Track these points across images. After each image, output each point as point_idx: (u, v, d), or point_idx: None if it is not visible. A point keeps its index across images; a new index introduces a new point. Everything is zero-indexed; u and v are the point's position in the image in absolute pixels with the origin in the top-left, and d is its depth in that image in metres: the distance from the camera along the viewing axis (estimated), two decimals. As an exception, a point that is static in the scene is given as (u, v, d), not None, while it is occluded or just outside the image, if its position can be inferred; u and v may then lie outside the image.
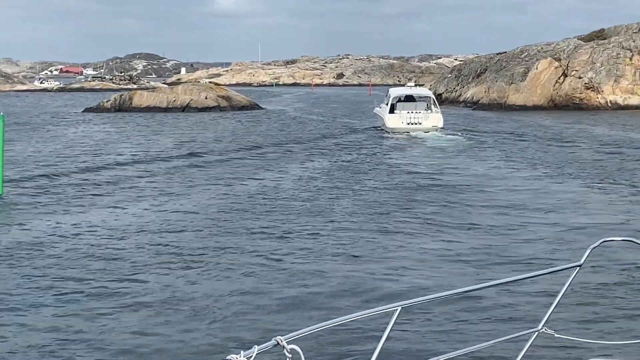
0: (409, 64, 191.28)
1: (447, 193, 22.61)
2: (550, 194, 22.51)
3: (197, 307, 11.84)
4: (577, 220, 18.31)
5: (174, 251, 15.45)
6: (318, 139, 41.80)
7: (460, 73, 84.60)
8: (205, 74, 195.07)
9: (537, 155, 32.50)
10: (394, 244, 16.11)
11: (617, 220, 18.37)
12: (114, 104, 68.43)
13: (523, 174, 27.03)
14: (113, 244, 16.10)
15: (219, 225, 17.99)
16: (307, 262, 14.62)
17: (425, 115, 44.79)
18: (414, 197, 21.89)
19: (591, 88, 67.82)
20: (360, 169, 28.59)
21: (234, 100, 71.84)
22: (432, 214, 19.29)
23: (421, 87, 54.51)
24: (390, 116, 44.90)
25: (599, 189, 23.40)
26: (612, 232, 15.67)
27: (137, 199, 22.06)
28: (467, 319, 11.08)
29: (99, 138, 42.29)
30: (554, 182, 24.85)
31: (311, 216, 19.16)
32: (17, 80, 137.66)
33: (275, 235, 16.86)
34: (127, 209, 20.27)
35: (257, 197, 22.09)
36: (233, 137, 42.09)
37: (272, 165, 30.01)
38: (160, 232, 17.31)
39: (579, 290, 11.85)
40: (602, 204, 20.84)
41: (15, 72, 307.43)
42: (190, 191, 23.46)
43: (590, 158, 31.51)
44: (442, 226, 17.80)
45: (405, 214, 19.43)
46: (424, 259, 14.84)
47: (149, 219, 18.92)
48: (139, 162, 30.88)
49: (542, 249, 15.55)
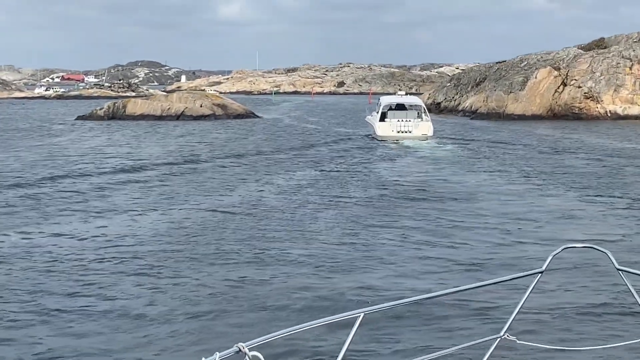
0: (410, 73, 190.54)
1: (430, 206, 21.72)
2: (538, 206, 21.61)
3: (157, 318, 11.66)
4: (564, 236, 17.41)
5: (137, 266, 14.77)
6: (308, 148, 41.05)
7: (460, 82, 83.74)
8: (206, 82, 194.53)
9: (529, 166, 31.55)
10: (368, 260, 15.24)
11: (607, 233, 17.46)
12: (107, 112, 67.63)
13: (513, 186, 26.12)
14: (74, 258, 15.35)
15: (190, 240, 17.19)
16: (277, 277, 13.99)
17: (415, 124, 44.71)
18: (396, 211, 20.99)
19: (591, 97, 66.91)
20: (345, 179, 27.70)
21: (229, 109, 71.04)
22: (412, 229, 18.39)
23: (412, 96, 55.12)
24: (381, 124, 44.96)
25: (590, 202, 22.49)
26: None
27: (108, 211, 21.18)
28: (429, 325, 11.07)
29: (84, 147, 41.43)
30: (543, 195, 23.93)
31: (288, 230, 18.34)
32: (15, 88, 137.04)
33: (247, 251, 16.11)
34: (93, 222, 19.40)
35: (235, 210, 21.26)
36: (222, 146, 41.26)
37: (257, 175, 29.18)
38: (125, 247, 16.47)
39: (541, 296, 11.81)
40: (592, 218, 19.93)
41: (16, 79, 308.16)
42: (166, 202, 22.58)
43: (583, 169, 30.58)
44: (420, 243, 16.91)
45: (384, 229, 18.52)
46: (397, 273, 13.97)
47: (115, 233, 18.07)
48: (119, 172, 30.04)
49: (527, 265, 14.69)
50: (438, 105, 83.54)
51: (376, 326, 10.60)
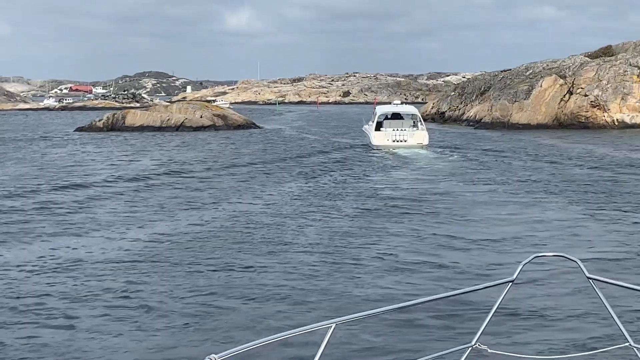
0: (416, 82, 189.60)
1: (421, 221, 20.61)
2: (539, 221, 20.49)
3: (128, 331, 11.50)
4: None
5: (116, 283, 14.07)
6: (302, 158, 40.21)
7: (464, 91, 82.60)
8: (211, 93, 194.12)
9: (529, 177, 30.39)
10: (346, 282, 14.17)
11: (611, 251, 16.33)
12: (107, 123, 66.79)
13: (511, 199, 24.99)
14: (45, 278, 14.50)
15: (170, 256, 16.31)
16: (252, 291, 13.37)
17: (410, 133, 44.64)
18: (385, 226, 19.89)
19: (597, 106, 65.68)
20: (335, 192, 26.62)
21: (229, 119, 70.13)
22: (397, 247, 17.29)
23: (407, 105, 55.00)
24: (376, 134, 44.85)
25: (589, 215, 21.36)
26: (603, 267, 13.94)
27: (91, 226, 20.20)
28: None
29: (76, 159, 40.49)
30: (544, 209, 22.80)
31: (268, 244, 17.37)
32: (20, 99, 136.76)
33: (226, 268, 15.30)
34: (75, 239, 18.39)
35: (221, 225, 20.31)
36: (217, 157, 40.27)
37: (248, 187, 28.19)
38: (101, 264, 15.46)
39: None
40: (596, 234, 18.80)
41: (25, 90, 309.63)
42: (151, 217, 21.56)
43: (587, 180, 29.42)
44: (406, 262, 15.81)
45: (370, 247, 17.43)
46: (373, 292, 12.91)
47: (97, 249, 17.12)
48: (107, 185, 29.05)
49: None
50: (442, 114, 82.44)
51: (347, 337, 10.52)
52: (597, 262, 15.22)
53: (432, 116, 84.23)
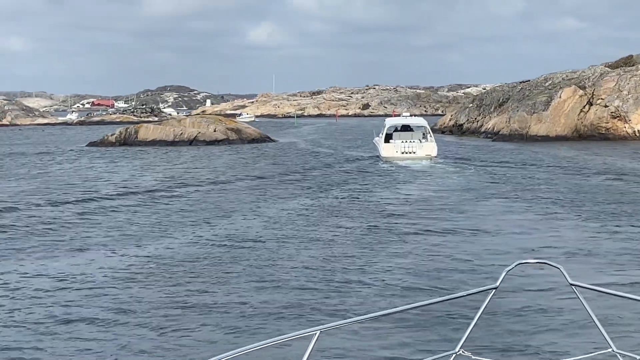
0: (436, 94, 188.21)
1: (424, 241, 19.53)
2: (554, 239, 19.36)
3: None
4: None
5: (105, 303, 13.72)
6: (311, 172, 39.60)
7: (482, 102, 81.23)
8: (231, 106, 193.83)
9: (542, 192, 29.20)
10: (337, 304, 13.18)
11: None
12: (119, 138, 66.16)
13: (524, 216, 23.85)
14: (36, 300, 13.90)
15: (164, 275, 15.72)
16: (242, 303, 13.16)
17: (419, 145, 44.88)
18: (385, 247, 18.85)
19: (618, 117, 64.19)
20: (339, 209, 25.62)
21: (243, 133, 69.29)
22: (397, 269, 16.24)
23: (416, 117, 55.95)
24: (385, 146, 45.31)
25: (608, 233, 20.20)
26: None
27: (79, 244, 19.39)
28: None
29: (79, 174, 39.75)
30: (560, 227, 21.65)
31: (263, 264, 16.47)
32: (39, 114, 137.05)
33: (212, 289, 14.66)
34: (62, 260, 17.54)
35: (216, 243, 19.52)
36: (223, 172, 39.38)
37: (249, 203, 27.37)
38: (88, 284, 14.66)
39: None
40: (615, 253, 17.64)
41: (48, 105, 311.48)
42: (139, 236, 20.69)
43: (604, 195, 28.16)
44: (404, 288, 14.76)
45: (365, 270, 16.40)
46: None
47: (89, 269, 16.37)
48: (103, 200, 28.25)
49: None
50: (460, 127, 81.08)
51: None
52: (615, 286, 14.00)
53: (450, 128, 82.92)
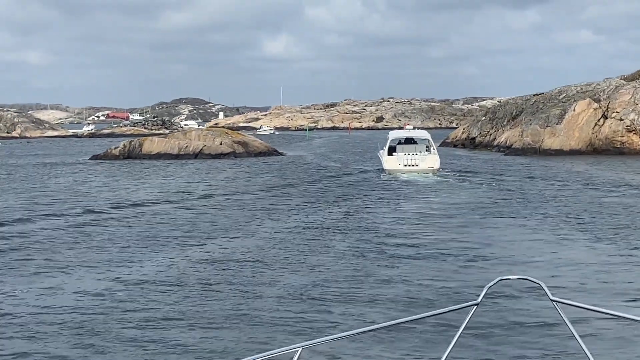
0: (451, 107, 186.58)
1: (421, 266, 18.07)
2: (561, 262, 17.87)
3: None
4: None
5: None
6: (313, 186, 38.48)
7: (495, 115, 79.61)
8: (244, 119, 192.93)
9: (553, 210, 27.66)
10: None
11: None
12: (123, 151, 65.08)
13: (529, 234, 22.34)
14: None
15: (134, 300, 14.62)
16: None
17: (422, 157, 45.14)
18: (375, 272, 17.41)
19: (633, 131, 62.48)
20: (333, 228, 24.17)
21: (250, 146, 68.06)
22: (384, 301, 14.80)
23: (420, 130, 56.46)
24: (388, 158, 45.54)
25: (624, 257, 18.69)
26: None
27: (57, 265, 18.11)
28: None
29: (73, 189, 38.52)
30: (569, 249, 20.15)
31: (235, 298, 15.11)
32: (49, 126, 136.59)
33: (189, 312, 13.65)
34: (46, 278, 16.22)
35: (197, 267, 18.19)
36: (222, 187, 38.09)
37: (240, 221, 25.98)
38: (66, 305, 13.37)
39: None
40: (625, 278, 16.15)
41: (63, 117, 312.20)
42: (117, 258, 19.34)
43: (619, 214, 26.60)
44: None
45: (346, 302, 14.97)
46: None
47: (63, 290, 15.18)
48: (85, 216, 26.95)
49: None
50: (472, 140, 79.46)
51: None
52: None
53: (462, 142, 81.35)
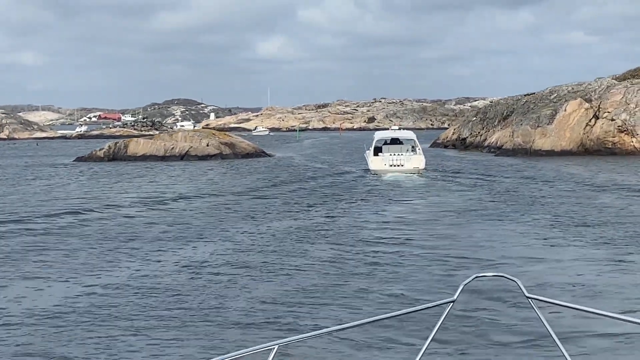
0: (443, 107, 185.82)
1: (394, 277, 17.13)
2: (551, 270, 16.96)
3: None
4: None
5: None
6: (296, 188, 37.52)
7: (486, 116, 78.76)
8: (235, 120, 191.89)
9: (540, 214, 26.76)
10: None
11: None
12: (108, 153, 64.07)
13: (516, 239, 21.43)
14: None
15: (88, 312, 13.68)
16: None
17: (407, 157, 45.37)
18: (350, 282, 16.48)
19: (625, 131, 61.71)
20: (312, 232, 23.21)
21: (237, 148, 67.09)
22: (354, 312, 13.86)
23: (405, 130, 57.27)
24: (374, 159, 45.90)
25: (615, 263, 17.79)
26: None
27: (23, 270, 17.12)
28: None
29: (50, 192, 37.49)
30: (560, 255, 19.25)
31: (216, 299, 14.11)
32: (37, 128, 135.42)
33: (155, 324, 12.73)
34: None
35: (171, 271, 17.29)
36: (203, 189, 37.08)
37: (217, 225, 25.02)
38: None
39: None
40: (618, 285, 15.24)
41: (54, 119, 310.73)
42: (81, 267, 18.36)
43: (612, 218, 25.69)
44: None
45: (312, 317, 14.03)
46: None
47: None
48: (59, 220, 25.96)
49: None
50: (463, 141, 78.63)
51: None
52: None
53: (453, 142, 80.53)
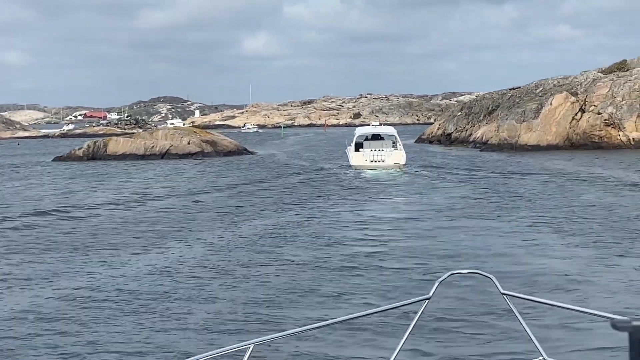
0: (429, 102, 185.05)
1: (369, 283, 16.15)
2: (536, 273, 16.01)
3: None
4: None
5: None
6: (274, 186, 36.51)
7: (471, 111, 77.92)
8: (220, 117, 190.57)
9: (521, 211, 25.83)
10: None
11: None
12: (87, 152, 62.87)
13: (496, 240, 20.49)
14: None
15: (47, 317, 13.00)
16: None
17: (388, 153, 45.24)
18: (320, 287, 15.50)
19: (612, 125, 60.94)
20: (285, 234, 22.21)
21: (219, 145, 66.01)
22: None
23: (386, 126, 56.20)
24: (355, 154, 45.83)
25: (604, 264, 16.86)
26: None
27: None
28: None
29: (21, 193, 36.32)
30: (540, 257, 18.31)
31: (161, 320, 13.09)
32: (20, 127, 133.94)
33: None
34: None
35: (139, 275, 16.26)
36: (177, 188, 36.01)
37: (187, 228, 23.97)
38: None
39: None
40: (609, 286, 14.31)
41: (40, 118, 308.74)
42: (36, 273, 17.30)
43: (599, 215, 24.80)
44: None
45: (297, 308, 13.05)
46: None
47: None
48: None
49: None
50: (449, 136, 77.82)
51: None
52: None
53: (438, 138, 79.72)
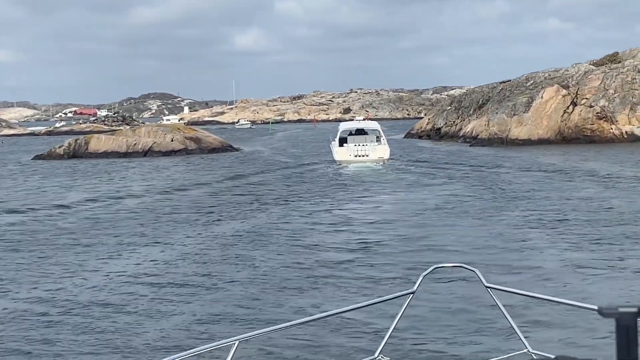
0: (419, 97, 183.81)
1: (346, 293, 14.86)
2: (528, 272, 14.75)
3: None
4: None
5: None
6: (256, 184, 35.52)
7: (461, 105, 76.67)
8: (209, 113, 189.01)
9: (510, 211, 24.55)
10: None
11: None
12: (68, 150, 61.43)
13: (483, 241, 19.22)
14: None
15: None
16: None
17: (372, 148, 45.58)
18: (293, 299, 14.21)
19: (604, 118, 59.82)
20: (261, 236, 20.90)
21: (203, 142, 64.63)
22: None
23: (370, 121, 57.28)
24: (339, 149, 46.15)
25: (598, 266, 15.62)
26: None
27: None
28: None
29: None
30: (531, 260, 17.04)
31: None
32: (6, 125, 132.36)
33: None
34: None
35: (87, 292, 15.03)
36: (153, 188, 34.64)
37: (160, 229, 22.74)
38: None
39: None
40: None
41: (29, 115, 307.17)
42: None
43: (591, 212, 23.53)
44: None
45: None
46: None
47: None
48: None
49: None
50: (438, 130, 76.56)
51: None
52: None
53: (428, 133, 78.46)
